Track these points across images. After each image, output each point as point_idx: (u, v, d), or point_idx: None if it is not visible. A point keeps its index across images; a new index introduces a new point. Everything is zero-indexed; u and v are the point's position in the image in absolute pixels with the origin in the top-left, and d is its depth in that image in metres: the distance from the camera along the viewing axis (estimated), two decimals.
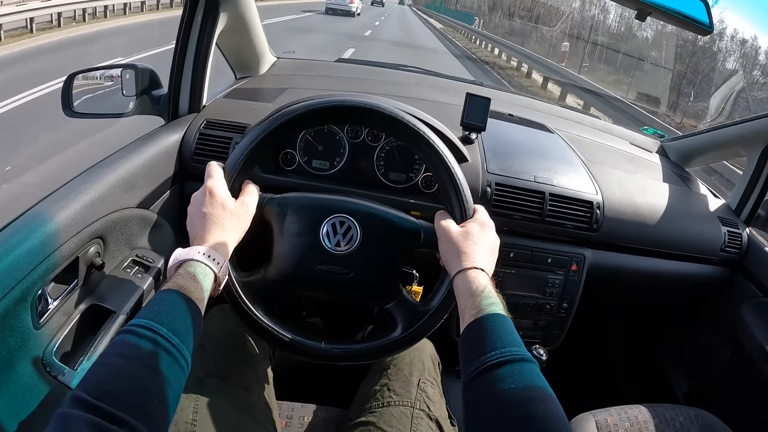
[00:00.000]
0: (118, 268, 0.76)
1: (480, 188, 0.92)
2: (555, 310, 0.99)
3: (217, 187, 0.60)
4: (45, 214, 0.63)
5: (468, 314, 0.54)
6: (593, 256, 0.98)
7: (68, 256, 0.65)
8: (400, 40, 12.29)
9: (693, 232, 1.04)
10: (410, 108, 0.82)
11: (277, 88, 1.14)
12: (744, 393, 1.04)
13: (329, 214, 0.66)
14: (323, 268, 0.66)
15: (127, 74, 0.94)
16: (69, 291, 0.67)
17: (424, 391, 0.74)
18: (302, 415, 0.79)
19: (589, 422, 0.88)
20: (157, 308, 0.48)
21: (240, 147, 0.64)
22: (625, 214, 0.98)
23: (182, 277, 0.52)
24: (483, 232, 0.63)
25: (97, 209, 0.70)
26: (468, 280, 0.57)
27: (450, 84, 1.47)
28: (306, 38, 9.79)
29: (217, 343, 0.74)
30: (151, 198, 0.85)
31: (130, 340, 0.44)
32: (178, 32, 0.93)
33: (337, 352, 0.67)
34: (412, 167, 0.94)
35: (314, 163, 0.94)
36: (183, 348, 0.46)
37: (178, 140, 0.92)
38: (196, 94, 0.98)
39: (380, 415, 0.70)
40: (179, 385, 0.46)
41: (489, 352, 0.48)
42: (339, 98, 0.66)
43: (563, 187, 0.96)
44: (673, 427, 0.90)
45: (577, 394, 0.94)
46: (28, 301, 0.58)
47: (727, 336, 1.09)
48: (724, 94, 2.92)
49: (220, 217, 0.58)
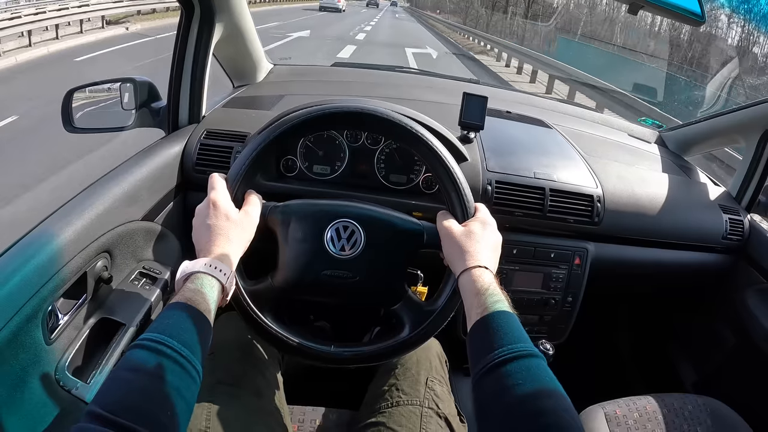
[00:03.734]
0: (126, 281, 0.77)
1: (480, 186, 0.93)
2: (560, 304, 0.99)
3: (221, 198, 0.61)
4: (51, 231, 0.64)
5: (474, 313, 0.54)
6: (596, 250, 0.99)
7: (76, 272, 0.65)
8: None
9: (694, 220, 1.04)
10: (407, 110, 0.82)
11: (275, 95, 1.14)
12: (751, 379, 1.04)
13: (332, 219, 0.67)
14: (329, 273, 0.66)
15: (125, 88, 0.95)
16: (78, 306, 0.68)
17: (433, 390, 0.75)
18: (313, 418, 0.80)
19: (598, 414, 0.88)
20: (165, 322, 0.48)
21: (241, 158, 0.65)
22: (626, 206, 0.99)
23: (189, 290, 0.53)
24: (485, 231, 0.64)
25: (103, 224, 0.71)
26: (473, 279, 0.58)
27: (446, 84, 1.48)
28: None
29: (227, 351, 0.75)
30: (155, 210, 0.85)
31: (141, 354, 0.45)
32: (174, 44, 0.94)
33: (347, 355, 0.68)
34: (412, 168, 0.94)
35: (315, 169, 0.94)
36: (193, 359, 0.47)
37: (179, 151, 0.93)
38: (195, 105, 0.99)
39: (390, 416, 0.71)
40: (192, 396, 0.46)
41: (497, 349, 0.49)
42: (336, 105, 0.67)
43: (563, 181, 0.96)
44: (682, 416, 0.90)
45: (585, 387, 0.94)
46: (39, 317, 0.59)
47: (733, 323, 1.10)
48: (720, 81, 2.91)
49: (224, 228, 0.59)
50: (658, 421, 0.89)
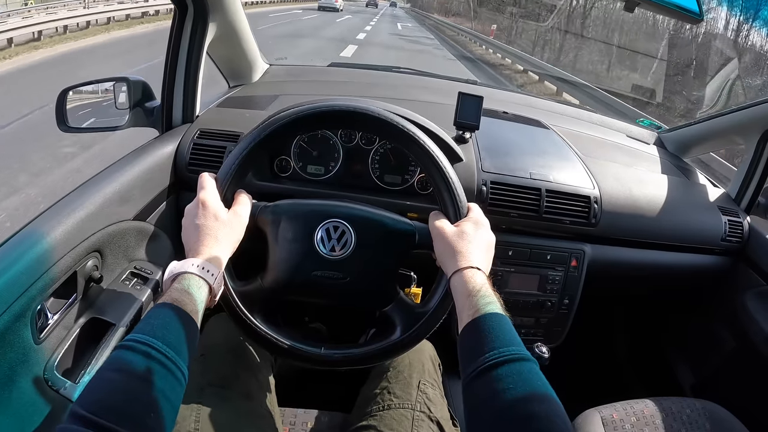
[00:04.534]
0: (117, 281, 0.76)
1: (475, 187, 0.92)
2: (556, 306, 0.98)
3: (210, 198, 0.60)
4: (41, 229, 0.63)
5: (465, 314, 0.54)
6: (593, 251, 0.98)
7: (66, 271, 0.65)
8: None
9: (693, 222, 1.04)
10: (400, 109, 0.82)
11: (270, 95, 1.14)
12: (750, 382, 1.03)
13: (323, 219, 0.66)
14: (319, 273, 0.66)
15: (119, 87, 0.95)
16: (68, 305, 0.67)
17: (425, 393, 0.74)
18: (305, 421, 0.79)
19: (594, 418, 0.87)
20: (151, 323, 0.48)
21: (230, 157, 0.64)
22: (623, 207, 0.98)
23: (176, 291, 0.52)
24: (477, 231, 0.63)
25: (94, 223, 0.71)
26: (464, 280, 0.57)
27: (442, 84, 1.47)
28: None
29: (218, 352, 0.74)
30: (147, 210, 0.85)
31: (126, 356, 0.45)
32: (168, 43, 0.93)
33: (337, 357, 0.67)
34: (407, 169, 0.94)
35: (309, 169, 0.94)
36: (179, 360, 0.46)
37: (172, 151, 0.92)
38: (188, 105, 0.98)
39: (381, 419, 0.70)
40: (177, 397, 0.46)
41: (488, 352, 0.48)
42: (327, 104, 0.66)
43: (560, 182, 0.95)
44: (680, 419, 0.89)
45: (581, 390, 0.94)
46: (27, 316, 0.59)
47: (732, 326, 1.09)
48: (719, 82, 2.89)
49: (213, 229, 0.59)
50: (655, 425, 0.87)
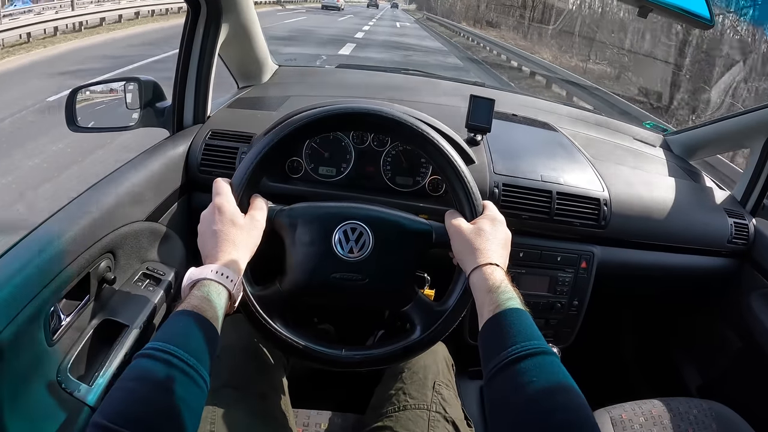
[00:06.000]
0: (129, 282, 0.76)
1: (488, 189, 0.92)
2: (566, 308, 0.99)
3: (226, 203, 0.60)
4: (54, 231, 0.63)
5: (486, 310, 0.54)
6: (602, 253, 0.98)
7: (79, 272, 0.65)
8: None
9: (699, 224, 1.04)
10: (414, 111, 0.82)
11: (281, 96, 1.14)
12: (756, 383, 1.04)
13: (340, 221, 0.66)
14: (338, 275, 0.65)
15: (130, 87, 0.95)
16: (81, 307, 0.67)
17: (440, 394, 0.74)
18: (318, 422, 0.79)
19: (604, 418, 0.88)
20: (171, 330, 0.48)
21: (245, 161, 0.64)
22: (632, 209, 0.98)
23: (196, 297, 0.52)
24: (494, 228, 0.63)
25: (106, 224, 0.70)
26: (484, 277, 0.57)
27: (451, 86, 1.47)
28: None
29: (232, 354, 0.74)
30: (159, 210, 0.85)
31: (147, 364, 0.44)
32: (180, 44, 0.93)
33: (358, 359, 0.67)
34: (418, 171, 0.94)
35: (321, 170, 0.94)
36: (200, 368, 0.46)
37: (184, 152, 0.92)
38: (200, 105, 0.98)
39: (397, 420, 0.70)
40: (199, 406, 0.46)
41: (510, 346, 0.48)
42: (343, 105, 0.66)
43: (570, 185, 0.96)
44: (688, 420, 0.90)
45: (590, 391, 0.93)
46: (40, 318, 0.58)
47: (738, 327, 1.09)
48: (725, 85, 2.92)
49: (230, 234, 0.58)
50: (663, 425, 0.88)
